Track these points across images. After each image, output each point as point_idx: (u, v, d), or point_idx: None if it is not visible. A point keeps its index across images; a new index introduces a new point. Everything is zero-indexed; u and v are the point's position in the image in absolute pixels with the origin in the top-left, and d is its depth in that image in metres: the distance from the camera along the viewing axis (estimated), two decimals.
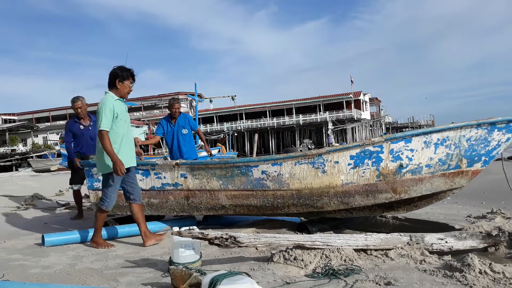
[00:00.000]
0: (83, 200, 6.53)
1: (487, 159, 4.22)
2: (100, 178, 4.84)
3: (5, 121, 63.18)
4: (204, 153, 13.37)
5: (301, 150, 5.62)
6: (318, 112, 52.86)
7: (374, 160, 4.15)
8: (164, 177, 4.69)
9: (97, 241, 4.19)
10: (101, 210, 4.18)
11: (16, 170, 29.73)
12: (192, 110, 27.21)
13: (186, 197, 4.67)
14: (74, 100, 5.96)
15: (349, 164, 4.19)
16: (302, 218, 4.94)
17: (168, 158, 6.19)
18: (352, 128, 50.27)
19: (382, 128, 60.31)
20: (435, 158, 4.16)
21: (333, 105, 53.09)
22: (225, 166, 4.52)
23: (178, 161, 4.72)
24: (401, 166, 4.14)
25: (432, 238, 3.40)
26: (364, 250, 3.30)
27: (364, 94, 58.74)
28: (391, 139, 4.12)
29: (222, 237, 3.12)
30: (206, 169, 4.57)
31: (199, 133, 6.30)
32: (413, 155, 4.14)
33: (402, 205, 4.47)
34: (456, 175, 4.25)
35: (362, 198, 4.25)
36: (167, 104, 6.04)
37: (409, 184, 4.19)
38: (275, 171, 4.36)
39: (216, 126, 55.90)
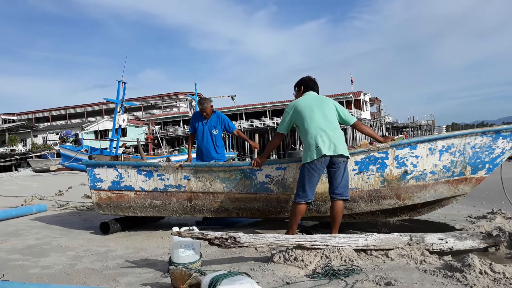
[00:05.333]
0: (84, 200, 6.51)
1: (491, 166, 4.24)
2: (105, 178, 4.85)
3: (5, 121, 63.20)
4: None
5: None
6: None
7: (379, 166, 4.16)
8: (167, 179, 4.69)
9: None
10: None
11: (16, 170, 29.74)
12: (192, 110, 27.22)
13: (189, 199, 4.67)
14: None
15: (353, 170, 4.19)
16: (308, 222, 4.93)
17: (171, 159, 6.05)
18: (352, 128, 50.26)
19: (382, 128, 60.27)
20: (440, 165, 4.18)
21: None
22: (229, 169, 4.52)
23: (181, 162, 4.72)
24: (405, 172, 4.15)
25: (432, 238, 3.40)
26: (364, 250, 3.30)
27: (364, 94, 58.69)
28: (396, 145, 4.13)
29: (222, 237, 3.12)
30: (210, 171, 4.56)
31: (239, 135, 5.91)
32: (417, 162, 4.15)
33: (405, 211, 4.47)
34: (460, 182, 4.26)
35: (366, 203, 4.25)
36: (199, 104, 5.54)
37: (413, 191, 4.20)
38: (279, 175, 4.36)
39: None
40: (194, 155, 5.69)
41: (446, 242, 3.40)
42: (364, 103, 59.20)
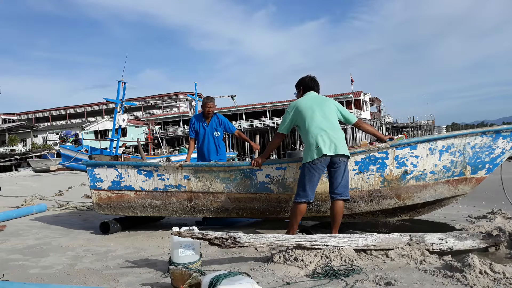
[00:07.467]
0: (84, 200, 6.51)
1: (491, 166, 4.24)
2: (105, 177, 4.85)
3: (5, 121, 63.17)
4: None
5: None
6: None
7: (379, 166, 4.16)
8: (168, 179, 4.69)
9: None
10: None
11: (16, 170, 29.73)
12: (192, 110, 27.21)
13: (189, 199, 4.67)
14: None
15: (353, 170, 4.19)
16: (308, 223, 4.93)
17: (171, 158, 6.03)
18: (352, 127, 50.27)
19: (382, 128, 60.26)
20: (440, 165, 4.18)
21: None
22: (229, 169, 4.52)
23: (181, 162, 4.72)
24: (405, 172, 4.15)
25: (432, 238, 3.40)
26: (365, 250, 3.30)
27: (364, 94, 58.70)
28: (397, 145, 4.13)
29: (222, 237, 3.12)
30: (210, 171, 4.56)
31: (240, 136, 5.97)
32: (417, 162, 4.15)
33: (405, 211, 4.47)
34: (460, 182, 4.26)
35: (366, 203, 4.25)
36: (201, 103, 5.54)
37: (413, 191, 4.20)
38: (279, 175, 4.36)
39: None
40: (193, 155, 5.69)
41: (446, 242, 3.40)
42: (364, 103, 59.19)
